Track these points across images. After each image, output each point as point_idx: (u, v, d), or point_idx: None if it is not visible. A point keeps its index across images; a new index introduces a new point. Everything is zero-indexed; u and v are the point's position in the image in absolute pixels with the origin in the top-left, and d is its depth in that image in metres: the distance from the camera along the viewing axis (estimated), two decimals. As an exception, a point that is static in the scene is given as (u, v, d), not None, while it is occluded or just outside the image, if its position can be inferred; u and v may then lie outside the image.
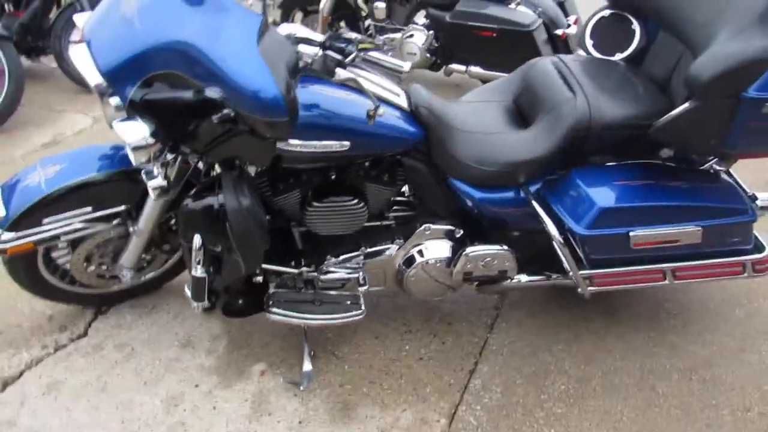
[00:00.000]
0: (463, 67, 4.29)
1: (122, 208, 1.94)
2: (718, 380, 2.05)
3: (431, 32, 4.29)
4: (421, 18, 4.50)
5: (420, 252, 2.00)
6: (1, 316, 2.23)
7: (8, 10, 4.37)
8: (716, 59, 1.59)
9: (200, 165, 1.83)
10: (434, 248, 2.00)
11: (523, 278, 2.11)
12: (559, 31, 3.85)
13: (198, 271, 1.71)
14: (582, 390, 2.01)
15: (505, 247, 1.99)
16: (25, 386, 1.96)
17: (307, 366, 2.01)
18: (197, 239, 1.69)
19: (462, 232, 2.02)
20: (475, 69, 4.21)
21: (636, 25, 2.08)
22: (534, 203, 1.89)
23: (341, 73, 1.52)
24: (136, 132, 1.50)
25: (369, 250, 2.02)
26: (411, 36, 4.35)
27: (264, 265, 1.94)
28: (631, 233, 1.82)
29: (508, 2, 3.96)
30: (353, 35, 1.61)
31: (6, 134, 3.77)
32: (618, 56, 2.10)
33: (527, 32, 3.81)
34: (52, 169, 1.88)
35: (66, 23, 4.21)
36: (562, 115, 1.82)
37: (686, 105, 1.67)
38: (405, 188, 2.07)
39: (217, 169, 1.85)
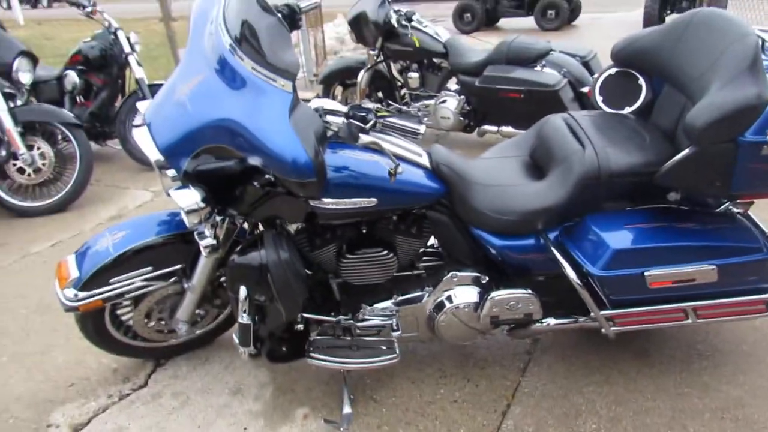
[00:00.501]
0: (495, 128, 4.52)
1: (178, 266, 2.17)
2: (750, 419, 2.06)
3: (462, 97, 4.55)
4: (453, 84, 4.78)
5: (449, 298, 2.13)
6: (72, 370, 2.46)
7: (79, 101, 4.90)
8: (710, 107, 1.73)
9: (245, 225, 2.05)
10: (462, 294, 2.13)
11: (552, 321, 2.20)
12: (585, 89, 4.03)
13: (244, 319, 1.91)
14: (613, 430, 2.05)
15: (529, 291, 2.10)
16: (92, 432, 2.16)
17: (347, 409, 2.14)
18: (243, 290, 1.89)
19: (487, 278, 2.15)
20: (507, 129, 4.43)
21: (642, 81, 2.24)
22: (552, 248, 2.02)
23: (364, 138, 1.73)
24: (189, 198, 1.74)
25: (401, 298, 2.17)
26: (444, 101, 4.63)
27: (305, 315, 2.13)
28: (646, 273, 1.92)
29: (533, 65, 4.20)
30: (372, 105, 1.84)
31: (77, 210, 4.17)
32: (627, 110, 2.26)
33: (553, 92, 4.01)
34: (119, 234, 2.14)
35: (129, 110, 4.68)
36: (573, 166, 1.96)
37: (686, 151, 1.80)
38: (434, 240, 2.24)
39: (261, 228, 2.07)
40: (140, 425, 2.17)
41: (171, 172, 1.79)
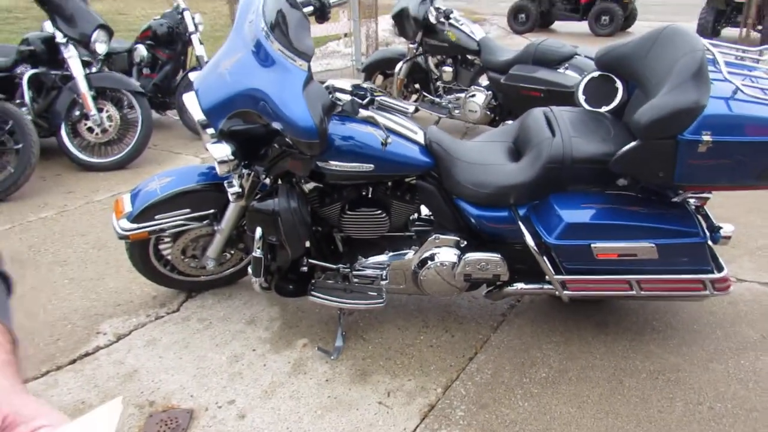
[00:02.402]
0: (517, 124, 4.82)
1: (211, 211, 2.63)
2: (681, 381, 2.38)
3: (490, 92, 4.89)
4: (484, 80, 5.11)
5: (431, 256, 2.51)
6: (120, 294, 2.97)
7: (145, 72, 5.47)
8: (654, 108, 2.05)
9: (267, 181, 2.49)
10: (442, 254, 2.50)
11: (521, 285, 2.54)
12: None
13: (257, 253, 2.34)
14: (559, 378, 2.40)
15: (498, 255, 2.46)
16: (132, 340, 2.64)
17: (339, 342, 2.56)
18: (258, 230, 2.33)
19: (466, 242, 2.52)
20: (527, 125, 4.72)
21: (619, 84, 2.56)
22: (518, 220, 2.37)
23: (363, 113, 2.14)
24: (221, 150, 2.18)
25: (392, 253, 2.57)
26: (473, 96, 4.97)
27: (311, 261, 2.56)
28: (592, 245, 2.26)
29: (557, 67, 4.49)
30: (367, 85, 2.23)
31: (135, 169, 4.73)
32: (604, 108, 2.58)
33: (571, 93, 4.27)
34: (166, 180, 2.61)
35: (188, 84, 5.16)
36: (542, 151, 2.31)
37: (632, 144, 2.13)
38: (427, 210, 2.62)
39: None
40: (170, 339, 2.65)
41: (210, 131, 2.23)
